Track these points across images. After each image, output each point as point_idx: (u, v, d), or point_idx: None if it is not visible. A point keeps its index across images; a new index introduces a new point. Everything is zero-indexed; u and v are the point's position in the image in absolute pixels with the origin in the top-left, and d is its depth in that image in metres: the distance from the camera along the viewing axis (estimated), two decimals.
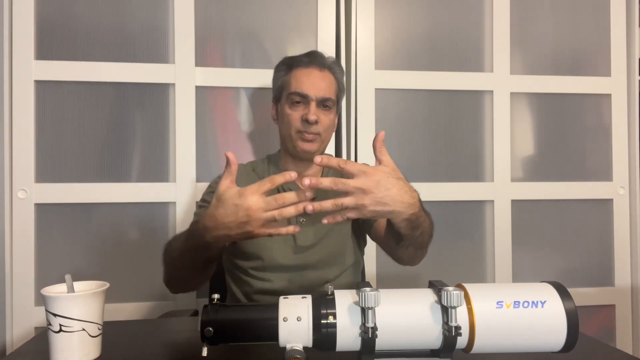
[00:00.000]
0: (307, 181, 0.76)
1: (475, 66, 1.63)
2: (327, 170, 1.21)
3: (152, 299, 1.47)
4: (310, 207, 0.77)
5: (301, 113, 1.12)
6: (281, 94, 1.18)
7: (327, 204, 0.77)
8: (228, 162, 0.84)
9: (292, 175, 0.79)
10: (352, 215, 0.78)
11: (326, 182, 0.77)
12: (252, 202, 0.78)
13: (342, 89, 1.22)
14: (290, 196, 0.79)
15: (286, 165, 1.20)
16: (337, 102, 1.19)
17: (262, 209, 0.78)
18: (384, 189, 0.77)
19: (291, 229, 0.82)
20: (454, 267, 1.61)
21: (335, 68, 1.19)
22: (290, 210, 0.79)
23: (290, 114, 1.13)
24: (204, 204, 1.15)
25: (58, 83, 1.43)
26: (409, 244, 0.92)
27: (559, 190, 1.65)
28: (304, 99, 1.12)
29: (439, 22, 1.62)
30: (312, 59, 1.17)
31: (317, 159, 0.78)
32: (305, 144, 1.12)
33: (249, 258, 1.12)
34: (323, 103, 1.13)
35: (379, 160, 0.83)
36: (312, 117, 1.10)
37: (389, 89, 1.58)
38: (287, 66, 1.18)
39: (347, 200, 0.77)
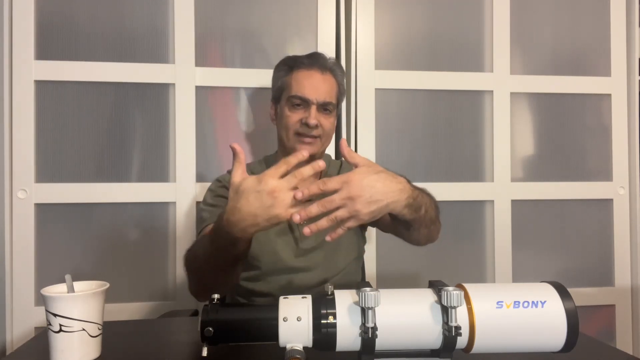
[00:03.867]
0: (297, 217, 0.74)
1: (475, 66, 1.63)
2: (324, 174, 1.20)
3: (152, 299, 1.47)
4: (307, 230, 0.75)
5: (301, 116, 1.11)
6: (281, 94, 1.17)
7: (323, 222, 0.76)
8: (235, 153, 0.82)
9: (304, 154, 0.78)
10: (351, 224, 0.77)
11: (314, 209, 0.75)
12: (274, 184, 0.76)
13: (343, 91, 1.21)
14: (307, 170, 0.77)
15: None
16: (337, 105, 1.19)
17: (286, 188, 0.76)
18: (369, 188, 0.76)
19: (315, 208, 0.79)
20: (454, 267, 1.61)
21: (337, 70, 1.18)
22: (314, 189, 0.77)
23: (290, 116, 1.12)
24: (207, 207, 1.13)
25: (58, 83, 1.43)
26: (418, 225, 0.91)
27: (559, 190, 1.65)
28: (305, 102, 1.11)
29: (439, 22, 1.62)
30: (314, 60, 1.15)
31: (298, 208, 0.76)
32: (304, 146, 1.11)
33: (249, 266, 1.11)
34: (324, 107, 1.12)
35: (354, 165, 0.81)
36: (312, 121, 1.09)
37: (389, 89, 1.58)
38: (288, 67, 1.17)
39: (340, 213, 0.76)
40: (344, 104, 1.54)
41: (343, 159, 0.79)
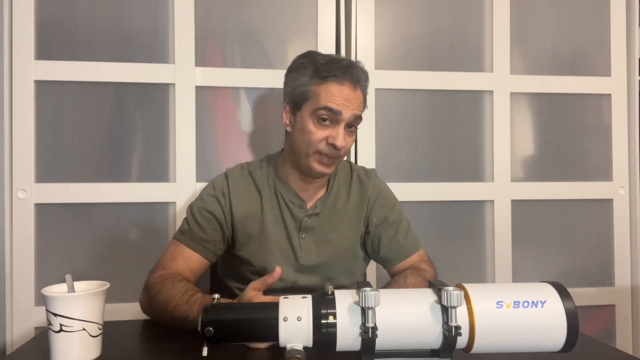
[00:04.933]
0: None
1: (475, 66, 1.63)
2: (332, 183, 1.17)
3: None
4: None
5: (327, 134, 1.02)
6: (303, 102, 1.05)
7: None
8: (271, 273, 0.87)
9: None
10: None
11: None
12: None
13: (365, 103, 1.10)
14: None
15: (288, 174, 1.13)
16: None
17: None
18: None
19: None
20: (454, 267, 1.61)
21: (366, 83, 1.08)
22: None
23: (314, 132, 1.02)
24: (190, 219, 1.11)
25: (58, 83, 1.43)
26: None
27: (559, 190, 1.65)
28: (334, 118, 1.02)
29: (439, 22, 1.62)
30: (348, 74, 1.03)
31: None
32: (322, 167, 1.05)
33: (248, 278, 1.09)
34: (350, 124, 1.04)
35: None
36: (340, 143, 1.00)
37: (389, 89, 1.58)
38: (315, 72, 1.04)
39: None
40: None
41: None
